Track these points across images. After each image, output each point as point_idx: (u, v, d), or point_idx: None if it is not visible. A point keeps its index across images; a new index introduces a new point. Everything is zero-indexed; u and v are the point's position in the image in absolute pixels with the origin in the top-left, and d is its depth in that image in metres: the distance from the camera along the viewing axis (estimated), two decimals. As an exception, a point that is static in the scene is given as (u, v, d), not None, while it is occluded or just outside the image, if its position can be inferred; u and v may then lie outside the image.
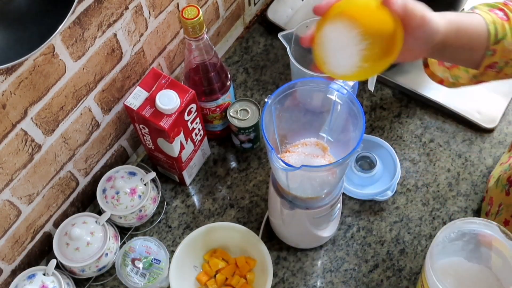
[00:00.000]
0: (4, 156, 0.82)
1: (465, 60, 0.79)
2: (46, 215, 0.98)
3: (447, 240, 0.83)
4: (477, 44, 0.75)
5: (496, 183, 0.99)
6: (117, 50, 0.92)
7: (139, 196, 1.00)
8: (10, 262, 0.95)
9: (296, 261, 1.02)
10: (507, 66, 0.78)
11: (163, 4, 0.97)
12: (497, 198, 0.96)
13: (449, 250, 0.85)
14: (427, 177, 1.08)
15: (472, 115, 1.12)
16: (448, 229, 0.82)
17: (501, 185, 0.96)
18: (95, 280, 1.01)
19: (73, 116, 0.91)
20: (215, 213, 1.07)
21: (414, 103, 1.16)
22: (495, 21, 0.74)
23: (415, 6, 0.66)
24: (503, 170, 0.99)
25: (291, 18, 1.24)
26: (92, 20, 0.83)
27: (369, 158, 1.05)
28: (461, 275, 0.85)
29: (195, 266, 1.00)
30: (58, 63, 0.82)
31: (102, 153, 1.04)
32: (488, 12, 0.75)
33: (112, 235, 0.99)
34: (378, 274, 1.00)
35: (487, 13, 0.75)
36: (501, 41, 0.75)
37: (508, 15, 0.76)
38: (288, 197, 0.90)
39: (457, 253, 0.86)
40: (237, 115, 1.06)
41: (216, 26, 1.17)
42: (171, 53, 1.07)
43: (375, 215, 1.05)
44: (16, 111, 0.80)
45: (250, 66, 1.22)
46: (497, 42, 0.74)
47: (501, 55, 0.76)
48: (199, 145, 1.05)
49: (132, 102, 0.93)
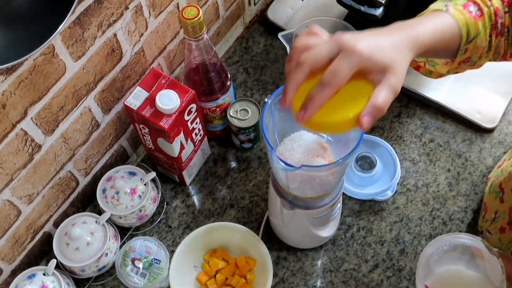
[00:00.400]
0: (4, 156, 0.82)
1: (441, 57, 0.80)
2: (46, 215, 0.98)
3: (441, 252, 0.83)
4: (451, 47, 0.75)
5: (489, 188, 0.99)
6: (117, 50, 0.92)
7: (139, 196, 1.00)
8: (10, 262, 0.95)
9: (296, 261, 1.02)
10: (480, 59, 0.78)
11: (163, 4, 0.97)
12: (492, 205, 0.96)
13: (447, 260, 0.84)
14: (427, 177, 1.08)
15: (472, 115, 1.12)
16: (437, 242, 0.81)
17: (494, 191, 0.95)
18: (95, 280, 1.01)
19: (73, 116, 0.91)
20: (215, 213, 1.07)
21: (414, 103, 1.16)
22: (467, 22, 0.73)
23: (375, 68, 0.62)
24: (496, 175, 0.98)
25: (291, 18, 1.24)
26: (92, 20, 0.83)
27: (369, 158, 1.05)
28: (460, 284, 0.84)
29: (195, 266, 1.00)
30: (58, 63, 0.82)
31: (102, 153, 1.04)
32: (462, 10, 0.73)
33: (112, 235, 0.99)
34: (378, 274, 1.00)
35: (460, 13, 0.73)
36: (473, 40, 0.74)
37: (482, 10, 0.75)
38: (288, 197, 0.90)
39: (455, 262, 0.85)
40: (237, 115, 1.06)
41: (216, 26, 1.17)
42: (171, 53, 1.07)
43: (375, 215, 1.05)
44: (16, 111, 0.80)
45: (250, 66, 1.22)
46: (469, 42, 0.74)
47: (473, 52, 0.76)
48: (199, 145, 1.05)
49: (132, 102, 0.93)
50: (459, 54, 0.75)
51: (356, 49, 0.60)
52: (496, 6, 0.75)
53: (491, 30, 0.76)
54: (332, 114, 0.62)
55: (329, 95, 0.61)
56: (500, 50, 0.78)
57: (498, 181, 0.95)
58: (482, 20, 0.74)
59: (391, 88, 0.61)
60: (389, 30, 0.66)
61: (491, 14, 0.75)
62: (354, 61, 0.61)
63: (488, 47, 0.77)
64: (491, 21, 0.75)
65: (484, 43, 0.76)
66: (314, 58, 0.63)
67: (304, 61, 0.63)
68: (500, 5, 0.76)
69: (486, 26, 0.75)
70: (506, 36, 0.77)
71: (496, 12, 0.75)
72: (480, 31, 0.74)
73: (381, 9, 1.02)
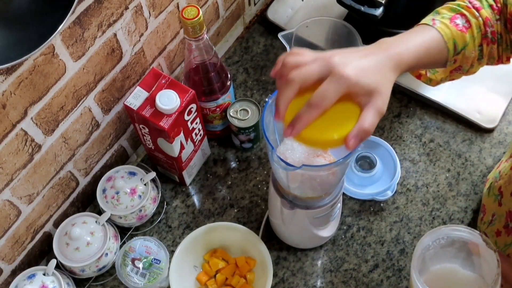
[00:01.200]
0: (4, 156, 0.82)
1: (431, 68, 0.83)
2: (46, 215, 0.98)
3: (438, 246, 0.83)
4: (438, 60, 0.76)
5: (488, 191, 0.99)
6: (117, 50, 0.92)
7: (139, 196, 1.00)
8: (10, 262, 0.95)
9: (296, 261, 1.02)
10: (472, 67, 0.80)
11: (163, 4, 0.97)
12: (490, 207, 0.96)
13: (443, 257, 0.85)
14: (427, 177, 1.08)
15: (472, 115, 1.12)
16: (435, 234, 0.82)
17: (493, 194, 0.95)
18: (95, 280, 1.01)
19: (73, 116, 0.91)
20: (215, 213, 1.07)
21: (414, 103, 1.16)
22: (453, 35, 0.75)
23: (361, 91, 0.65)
24: (494, 177, 0.99)
25: (291, 18, 1.24)
26: (92, 20, 0.83)
27: (369, 158, 1.05)
28: (454, 282, 0.84)
29: (195, 266, 1.00)
30: (58, 63, 0.82)
31: (102, 153, 1.04)
32: (448, 24, 0.75)
33: (112, 235, 0.99)
34: (378, 274, 1.00)
35: (446, 27, 0.75)
36: (461, 52, 0.76)
37: (470, 22, 0.76)
38: (288, 197, 0.90)
39: (451, 260, 0.85)
40: (237, 115, 1.06)
41: (216, 26, 1.17)
42: (171, 53, 1.07)
43: (375, 215, 1.05)
44: (16, 111, 0.80)
45: (250, 66, 1.22)
46: (458, 54, 0.76)
47: (462, 61, 0.78)
48: (199, 145, 1.05)
49: (132, 102, 0.93)
50: (449, 64, 0.77)
51: (344, 74, 0.64)
52: (485, 16, 0.77)
53: (482, 40, 0.77)
54: (319, 133, 0.67)
55: (316, 116, 0.65)
56: (494, 55, 0.79)
57: (497, 184, 0.95)
58: (470, 32, 0.76)
59: (377, 110, 0.65)
60: (374, 50, 0.69)
61: (480, 25, 0.77)
62: (342, 86, 0.64)
63: (480, 55, 0.79)
64: (481, 31, 0.77)
65: (474, 53, 0.77)
66: (304, 77, 0.66)
67: (294, 79, 0.66)
68: (489, 14, 0.77)
69: (475, 37, 0.76)
70: (500, 42, 0.78)
71: (485, 22, 0.77)
72: (468, 43, 0.76)
73: (381, 9, 1.02)
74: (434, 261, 0.84)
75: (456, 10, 0.78)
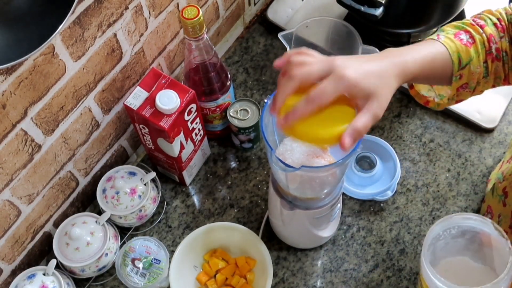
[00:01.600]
0: (4, 156, 0.82)
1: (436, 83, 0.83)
2: (46, 215, 0.98)
3: (449, 237, 0.83)
4: (443, 74, 0.77)
5: (491, 191, 0.99)
6: (117, 50, 0.92)
7: (139, 196, 1.00)
8: (10, 262, 0.95)
9: (296, 261, 1.02)
10: (479, 85, 0.81)
11: (163, 4, 0.97)
12: (496, 208, 0.96)
13: (454, 249, 0.85)
14: (427, 177, 1.08)
15: (472, 115, 1.12)
16: (446, 222, 0.82)
17: (497, 195, 0.95)
18: (95, 280, 1.01)
19: (73, 116, 0.91)
20: (215, 213, 1.07)
21: (414, 103, 1.15)
22: (458, 49, 0.76)
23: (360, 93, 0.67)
24: (497, 178, 0.99)
25: (291, 18, 1.24)
26: (92, 20, 0.83)
27: (369, 158, 1.05)
28: (465, 275, 0.85)
29: (195, 266, 1.00)
30: (58, 63, 0.82)
31: (102, 153, 1.04)
32: (453, 39, 0.77)
33: (112, 235, 1.00)
34: (378, 274, 1.00)
35: (451, 41, 0.76)
36: (466, 66, 0.77)
37: (474, 38, 0.77)
38: (288, 198, 0.90)
39: (462, 252, 0.86)
40: (237, 115, 1.06)
41: (216, 26, 1.17)
42: (171, 53, 1.07)
43: (375, 215, 1.05)
44: (16, 111, 0.80)
45: (250, 66, 1.22)
46: (463, 68, 0.77)
47: (469, 78, 0.78)
48: (199, 145, 1.05)
49: (132, 102, 0.93)
50: (454, 80, 0.78)
51: (345, 75, 0.65)
52: (489, 32, 0.78)
53: (486, 56, 0.78)
54: (311, 128, 0.68)
55: (311, 110, 0.66)
56: (500, 74, 0.80)
57: (501, 185, 0.95)
58: (475, 47, 0.77)
59: (371, 114, 0.66)
60: (380, 57, 0.71)
61: (483, 41, 0.78)
62: (340, 86, 0.66)
63: (485, 73, 0.79)
64: (485, 47, 0.78)
65: (479, 69, 0.78)
66: (305, 74, 0.68)
67: (296, 75, 0.68)
68: (494, 31, 0.78)
69: (479, 52, 0.77)
70: (506, 60, 0.79)
71: (489, 38, 0.77)
72: (473, 57, 0.77)
73: (381, 9, 1.02)
74: (445, 253, 0.84)
75: (460, 27, 0.79)
